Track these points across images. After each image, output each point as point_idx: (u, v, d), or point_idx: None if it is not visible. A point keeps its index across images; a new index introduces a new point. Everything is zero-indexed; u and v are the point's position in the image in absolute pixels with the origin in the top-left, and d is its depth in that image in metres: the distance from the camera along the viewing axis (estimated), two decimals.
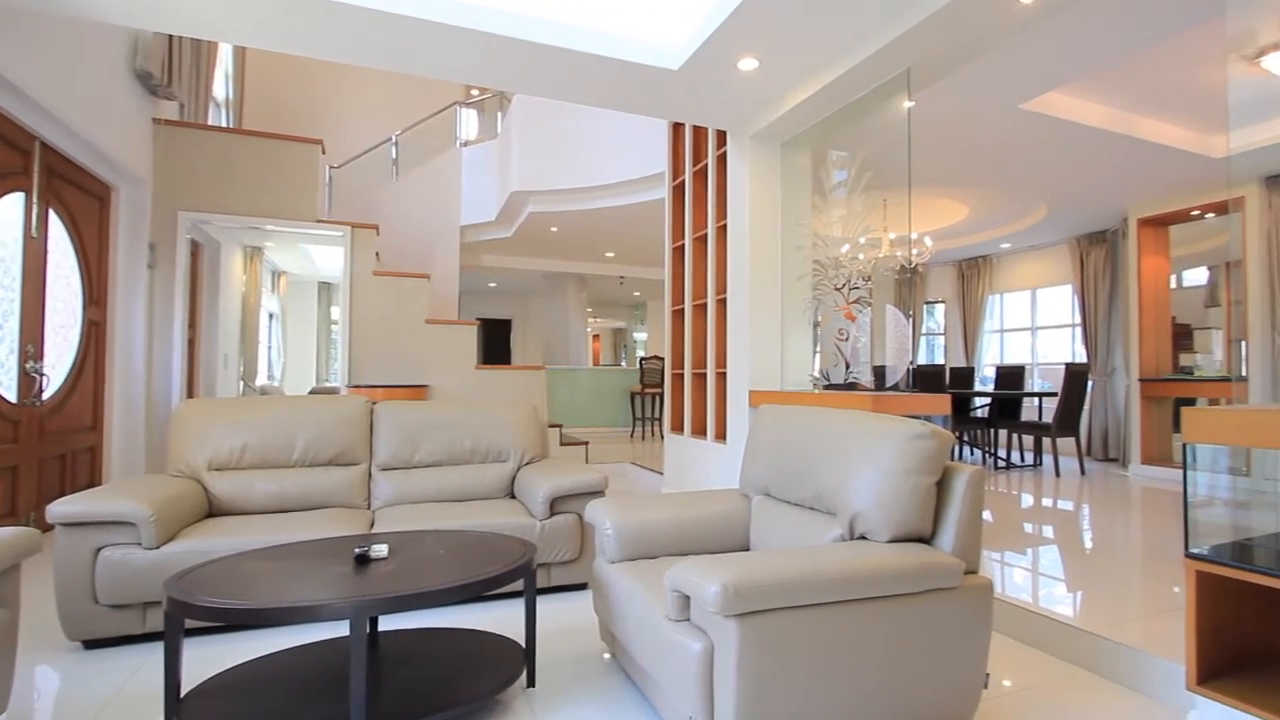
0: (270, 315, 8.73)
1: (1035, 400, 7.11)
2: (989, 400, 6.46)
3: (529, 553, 1.98)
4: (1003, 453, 6.70)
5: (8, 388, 3.40)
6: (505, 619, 2.51)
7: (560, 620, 2.53)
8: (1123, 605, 2.51)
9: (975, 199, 6.16)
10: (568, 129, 7.05)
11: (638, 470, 6.08)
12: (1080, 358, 7.31)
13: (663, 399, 6.35)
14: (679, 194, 4.97)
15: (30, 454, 3.54)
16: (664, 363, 5.49)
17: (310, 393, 7.93)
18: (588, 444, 6.44)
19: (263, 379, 8.22)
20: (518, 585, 2.69)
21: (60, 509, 2.14)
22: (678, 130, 5.01)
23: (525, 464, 3.18)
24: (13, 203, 3.44)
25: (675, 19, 3.08)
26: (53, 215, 3.78)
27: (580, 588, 2.88)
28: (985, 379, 8.25)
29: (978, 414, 6.70)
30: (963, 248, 8.05)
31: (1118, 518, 4.13)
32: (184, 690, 1.77)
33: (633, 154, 6.52)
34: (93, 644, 2.25)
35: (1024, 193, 5.88)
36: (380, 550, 1.93)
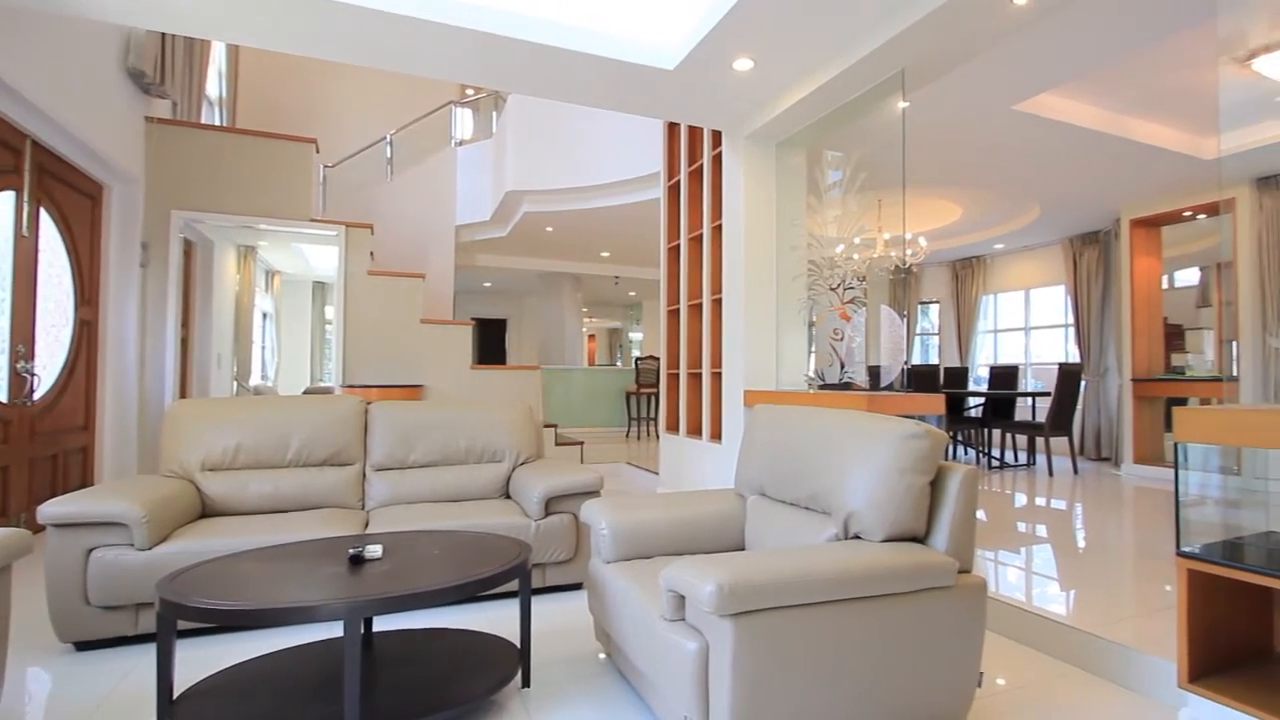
0: (264, 315, 8.69)
1: (1029, 400, 7.14)
2: (983, 400, 6.48)
3: (524, 553, 1.97)
4: (996, 452, 6.73)
5: None
6: (500, 619, 2.51)
7: (555, 620, 2.53)
8: (1115, 604, 2.52)
9: (969, 199, 6.18)
10: (563, 129, 7.04)
11: (633, 470, 6.08)
12: (1073, 358, 7.35)
13: (658, 399, 6.35)
14: (674, 194, 4.97)
15: (21, 454, 3.51)
16: (659, 363, 5.50)
17: (304, 393, 7.91)
18: (583, 444, 6.43)
19: (256, 379, 8.18)
20: (513, 585, 2.69)
21: (51, 510, 2.13)
22: (673, 130, 5.01)
23: (520, 464, 3.17)
24: (3, 201, 3.41)
25: (671, 19, 3.09)
26: (44, 214, 3.75)
27: (575, 588, 2.87)
28: (979, 379, 8.29)
29: (972, 414, 6.73)
30: (957, 248, 8.08)
31: (1110, 517, 4.15)
32: (177, 692, 1.77)
33: (628, 154, 6.52)
34: (84, 646, 2.24)
35: (1017, 193, 5.91)
36: (375, 551, 1.92)
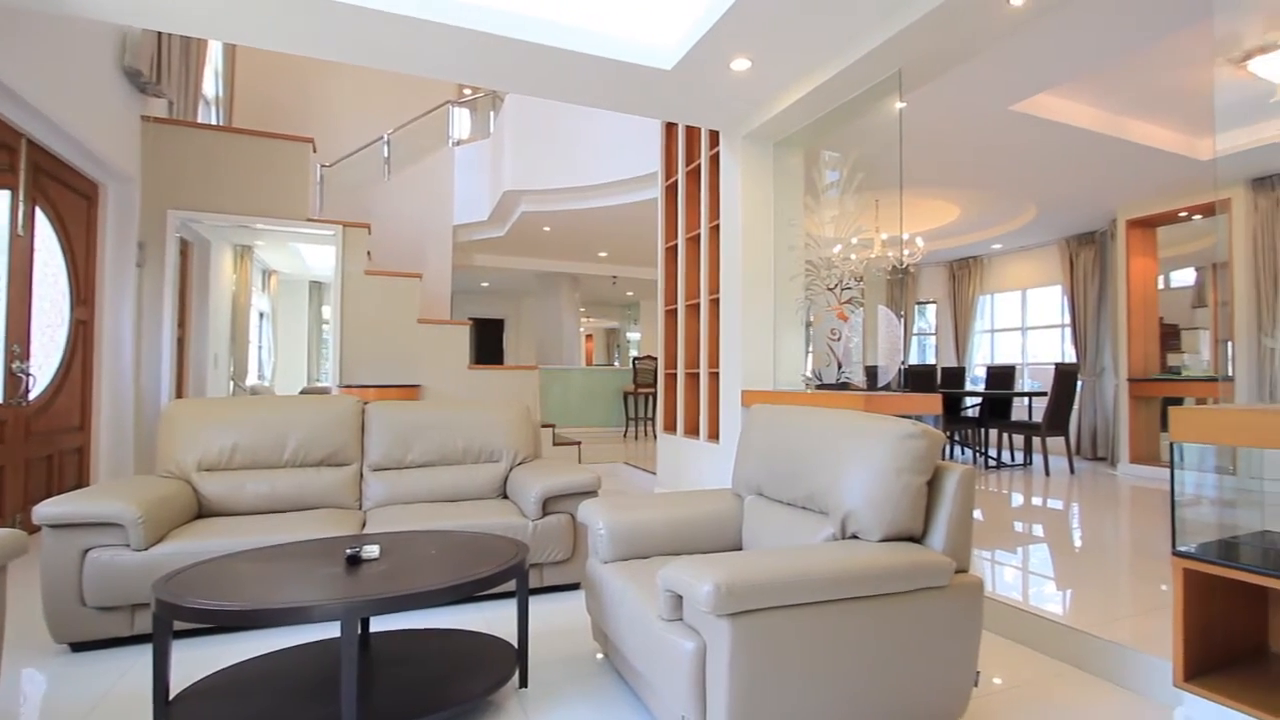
0: (261, 315, 8.67)
1: (1025, 400, 7.16)
2: (980, 400, 6.50)
3: (521, 553, 1.97)
4: (993, 452, 6.74)
5: None
6: (498, 619, 2.51)
7: (553, 620, 2.52)
8: (1111, 603, 2.53)
9: (966, 200, 6.20)
10: (560, 128, 7.04)
11: (631, 470, 6.08)
12: (1069, 358, 7.37)
13: (656, 399, 6.35)
14: (672, 194, 4.97)
15: (16, 455, 3.50)
16: (657, 363, 5.50)
17: (301, 393, 7.89)
18: (580, 444, 6.43)
19: (253, 379, 8.16)
20: (510, 585, 2.67)
21: (47, 510, 2.12)
22: (670, 130, 5.01)
23: (518, 464, 3.17)
24: None
25: (668, 19, 3.09)
26: (39, 213, 3.74)
27: (573, 588, 2.87)
28: (976, 379, 8.31)
29: (968, 414, 6.74)
30: (954, 248, 8.09)
31: (1106, 516, 4.16)
32: (173, 693, 1.76)
33: (625, 154, 6.52)
34: (80, 647, 2.23)
35: (1014, 194, 5.92)
36: (372, 551, 1.92)
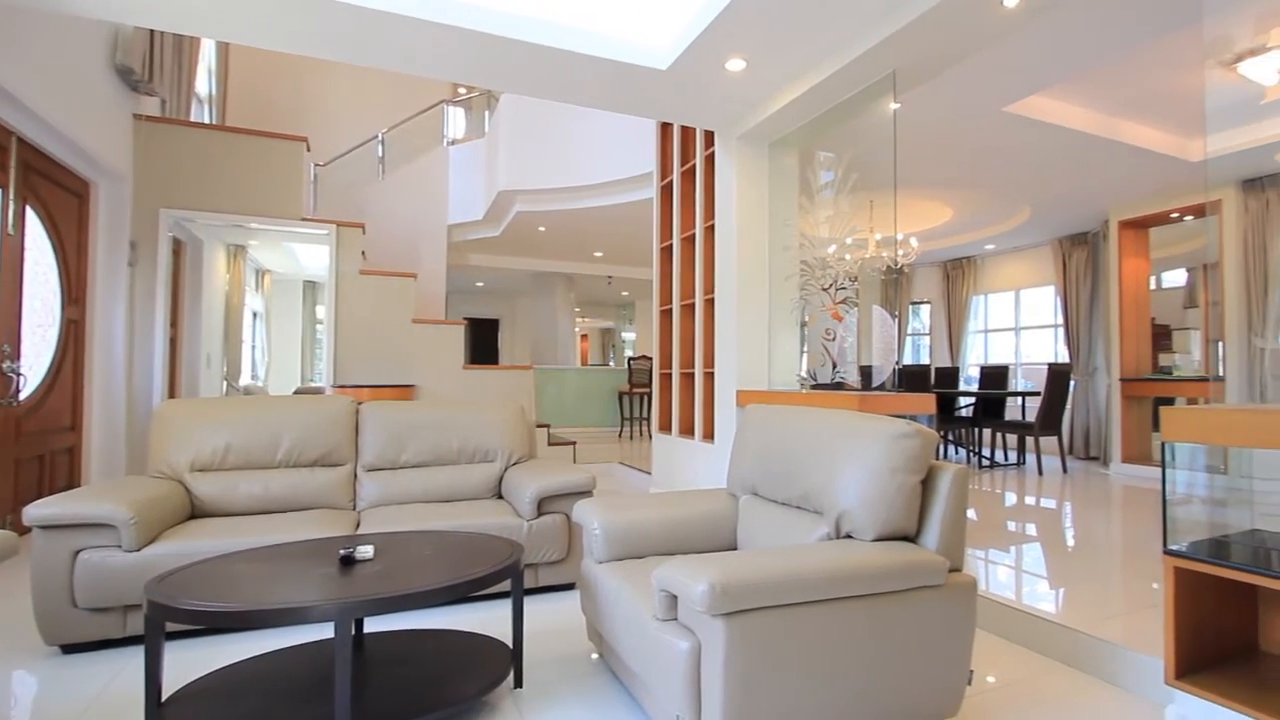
0: (254, 314, 8.62)
1: (1018, 400, 7.19)
2: (973, 400, 6.52)
3: (516, 553, 1.97)
4: (987, 451, 6.77)
5: None
6: (492, 620, 2.50)
7: (548, 620, 2.52)
8: (1103, 601, 2.54)
9: (960, 200, 6.22)
10: (555, 128, 7.03)
11: (626, 470, 6.08)
12: (1062, 358, 7.41)
13: (651, 399, 6.35)
14: (667, 194, 4.97)
15: (7, 455, 3.47)
16: (652, 362, 5.50)
17: (295, 393, 7.85)
18: (576, 444, 6.43)
19: (246, 379, 8.12)
20: (505, 586, 2.69)
21: (38, 511, 2.10)
22: (666, 130, 5.02)
23: (513, 464, 3.17)
24: None
25: (664, 19, 3.09)
26: (30, 212, 3.71)
27: (568, 588, 2.87)
28: (970, 379, 8.34)
29: (962, 413, 6.77)
30: (948, 249, 8.13)
31: (1099, 515, 4.18)
32: (165, 695, 1.75)
33: (620, 154, 6.51)
34: (71, 648, 2.21)
35: (1008, 195, 5.95)
36: (366, 551, 1.92)
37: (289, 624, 1.51)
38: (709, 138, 4.25)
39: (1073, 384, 6.81)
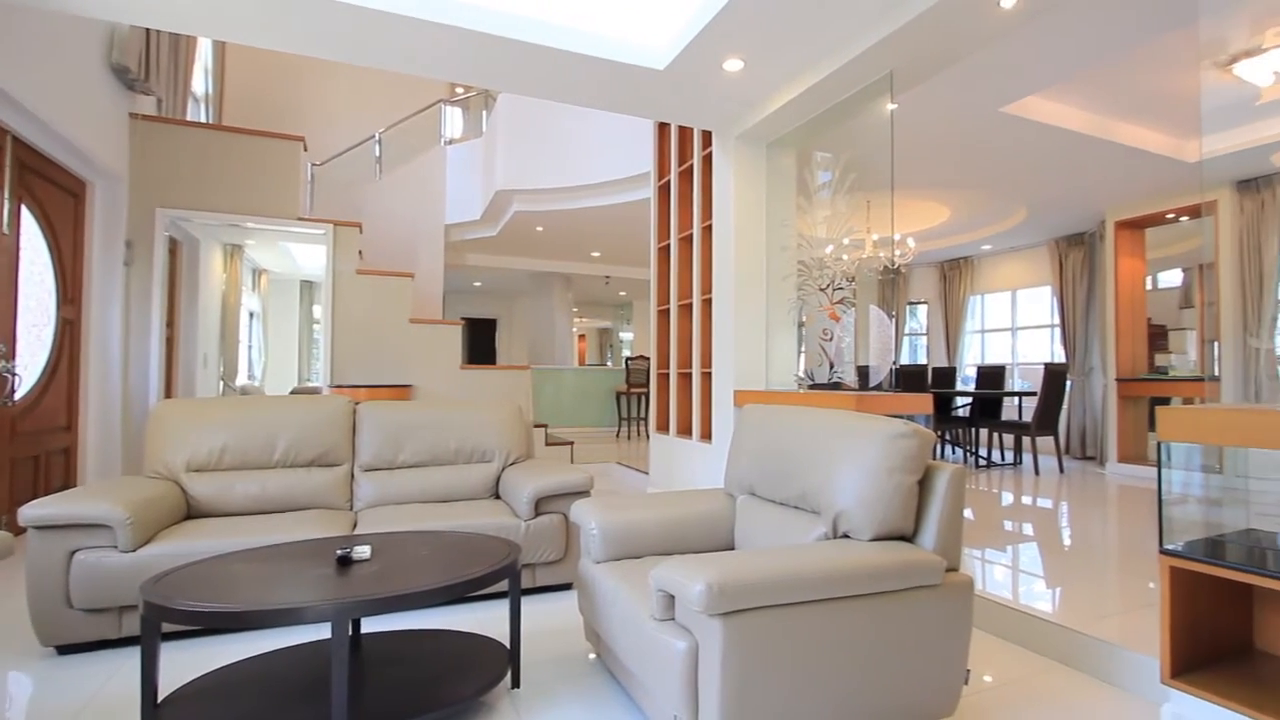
0: (251, 314, 8.61)
1: (1015, 400, 7.21)
2: (970, 400, 6.54)
3: (513, 553, 1.97)
4: (983, 451, 6.79)
5: None
6: (490, 620, 2.50)
7: (545, 621, 2.52)
8: (1100, 601, 2.55)
9: (957, 201, 6.23)
10: (553, 128, 7.03)
11: (623, 470, 6.08)
12: (1059, 358, 7.43)
13: (648, 399, 6.35)
14: (664, 194, 4.98)
15: (2, 455, 3.46)
16: (650, 362, 5.50)
17: (292, 393, 7.83)
18: (573, 444, 6.43)
19: (243, 379, 8.10)
20: (503, 586, 2.68)
21: (33, 512, 2.10)
22: (663, 130, 5.02)
23: (510, 464, 3.16)
24: None
25: (661, 19, 3.09)
26: (25, 211, 3.70)
27: (565, 588, 2.87)
28: (966, 379, 8.36)
29: (959, 413, 6.79)
30: (944, 249, 8.14)
31: (1095, 515, 4.20)
32: (161, 695, 1.75)
33: (618, 154, 6.51)
34: (66, 649, 2.20)
35: (1004, 195, 5.97)
36: (363, 551, 1.91)
37: (286, 624, 1.51)
38: (706, 138, 4.25)
39: (1069, 384, 6.83)
